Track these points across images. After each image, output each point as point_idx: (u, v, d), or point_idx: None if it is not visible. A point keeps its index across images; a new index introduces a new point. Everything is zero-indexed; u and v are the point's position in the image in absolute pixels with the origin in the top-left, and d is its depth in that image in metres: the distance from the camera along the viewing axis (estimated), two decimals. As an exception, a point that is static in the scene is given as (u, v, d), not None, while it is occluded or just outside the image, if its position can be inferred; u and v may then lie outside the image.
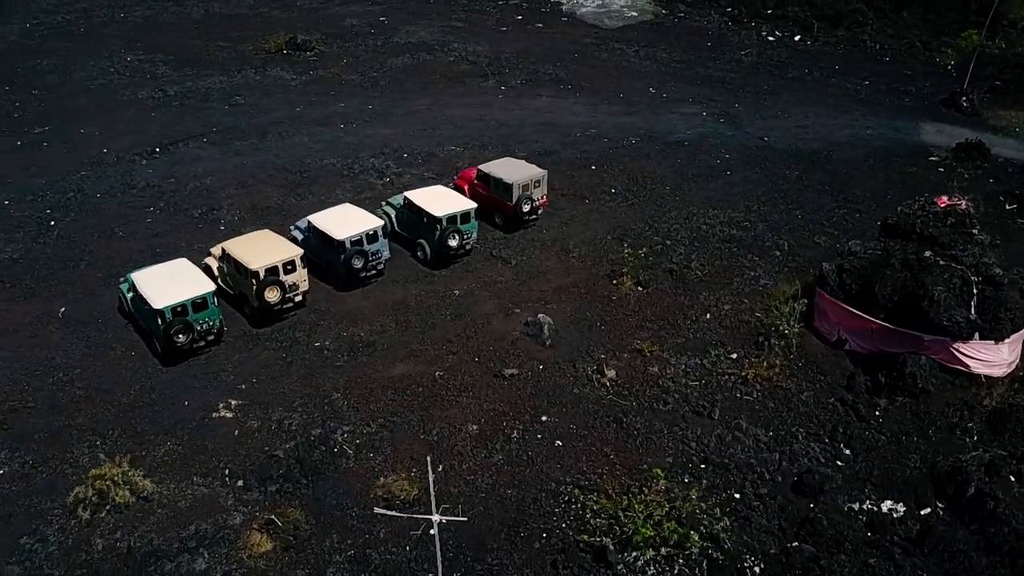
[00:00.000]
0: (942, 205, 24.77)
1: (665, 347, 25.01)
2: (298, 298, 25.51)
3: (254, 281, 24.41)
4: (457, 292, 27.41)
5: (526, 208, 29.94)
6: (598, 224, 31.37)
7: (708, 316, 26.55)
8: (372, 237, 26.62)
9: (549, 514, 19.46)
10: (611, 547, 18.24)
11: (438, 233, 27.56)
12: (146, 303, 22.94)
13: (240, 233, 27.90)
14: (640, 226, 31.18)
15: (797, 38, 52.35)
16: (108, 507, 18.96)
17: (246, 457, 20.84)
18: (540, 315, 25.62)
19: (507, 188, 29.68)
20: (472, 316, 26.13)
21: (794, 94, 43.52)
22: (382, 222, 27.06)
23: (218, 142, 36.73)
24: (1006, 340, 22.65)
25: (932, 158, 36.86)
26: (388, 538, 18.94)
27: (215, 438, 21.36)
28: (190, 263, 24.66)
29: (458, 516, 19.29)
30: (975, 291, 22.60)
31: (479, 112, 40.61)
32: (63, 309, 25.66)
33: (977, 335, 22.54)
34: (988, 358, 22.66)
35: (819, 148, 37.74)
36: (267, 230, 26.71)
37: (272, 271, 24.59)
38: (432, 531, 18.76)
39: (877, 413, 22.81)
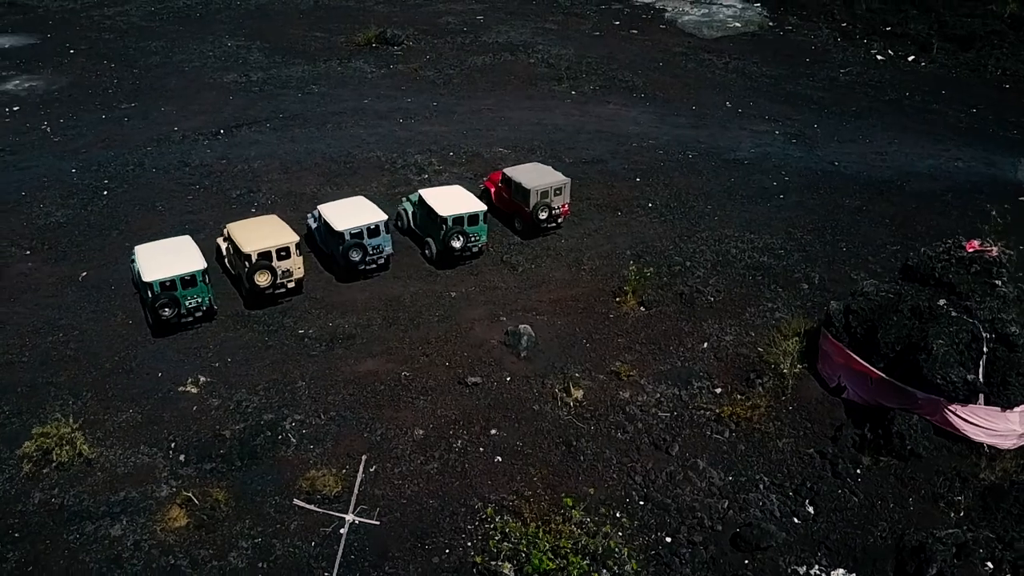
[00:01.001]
0: (970, 250, 22.22)
1: (646, 373, 23.79)
2: (291, 284, 26.01)
3: (246, 264, 25.10)
4: (454, 294, 27.15)
5: (543, 215, 29.26)
6: (622, 238, 30.23)
7: (705, 345, 25.04)
8: (373, 231, 26.79)
9: (460, 531, 18.93)
10: (508, 573, 17.51)
11: (442, 233, 27.40)
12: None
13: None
14: (665, 244, 29.81)
15: (911, 59, 48.50)
16: (55, 464, 20.01)
17: (196, 433, 21.44)
18: (522, 326, 24.97)
19: (525, 193, 29.13)
20: (458, 320, 25.81)
21: (883, 118, 40.32)
22: (385, 217, 27.15)
23: (279, 128, 38.05)
24: (1016, 409, 20.04)
25: (1022, 197, 33.21)
26: (298, 531, 18.99)
27: (174, 411, 22.10)
28: (192, 241, 25.65)
29: (371, 519, 19.11)
30: (985, 349, 20.13)
31: (540, 116, 40.08)
32: (84, 274, 27.29)
33: (981, 398, 20.08)
34: (992, 426, 20.14)
35: (892, 177, 34.80)
36: (274, 215, 27.43)
37: (265, 256, 25.19)
38: (342, 530, 18.76)
39: (858, 472, 20.77)
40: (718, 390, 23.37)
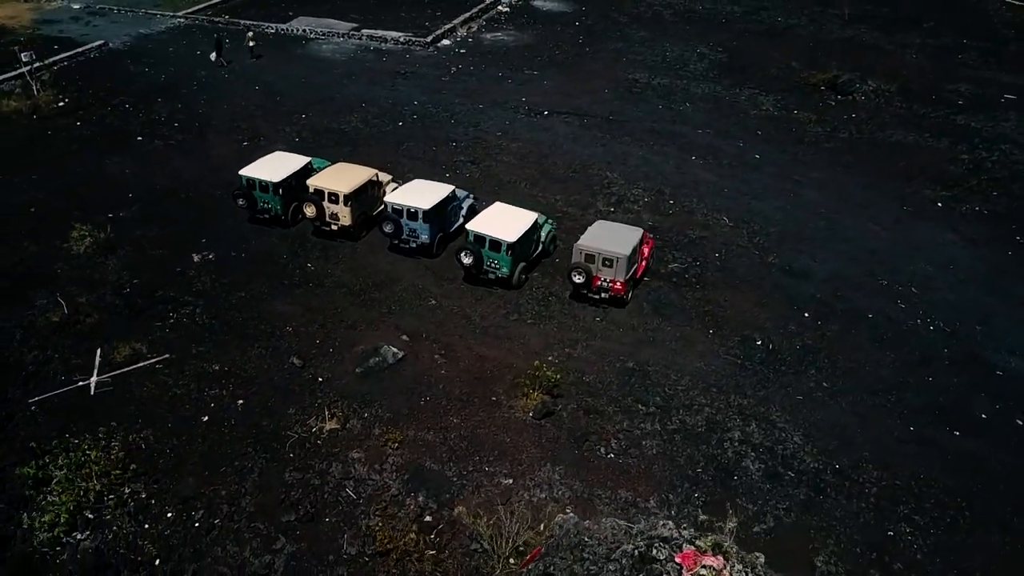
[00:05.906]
0: (678, 560, 12.83)
1: (406, 456, 20.26)
2: (334, 227, 28.62)
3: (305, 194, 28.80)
4: (432, 302, 26.16)
5: (577, 279, 25.20)
6: (651, 352, 23.98)
7: (505, 482, 19.69)
8: (412, 215, 27.33)
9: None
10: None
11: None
12: (249, 170, 29.91)
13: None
14: (679, 383, 22.74)
15: None
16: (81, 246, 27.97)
17: (149, 282, 26.60)
18: (388, 348, 23.35)
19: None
20: (389, 320, 25.14)
21: None
22: (427, 207, 27.17)
23: (585, 127, 38.25)
24: None
25: None
26: (73, 367, 22.96)
27: (168, 269, 27.39)
28: (302, 163, 29.91)
29: (92, 389, 22.37)
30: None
31: (836, 207, 31.65)
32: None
33: None
34: None
35: None
36: (370, 169, 29.70)
37: (319, 193, 28.36)
38: (80, 382, 22.70)
39: None
40: (440, 525, 18.70)
